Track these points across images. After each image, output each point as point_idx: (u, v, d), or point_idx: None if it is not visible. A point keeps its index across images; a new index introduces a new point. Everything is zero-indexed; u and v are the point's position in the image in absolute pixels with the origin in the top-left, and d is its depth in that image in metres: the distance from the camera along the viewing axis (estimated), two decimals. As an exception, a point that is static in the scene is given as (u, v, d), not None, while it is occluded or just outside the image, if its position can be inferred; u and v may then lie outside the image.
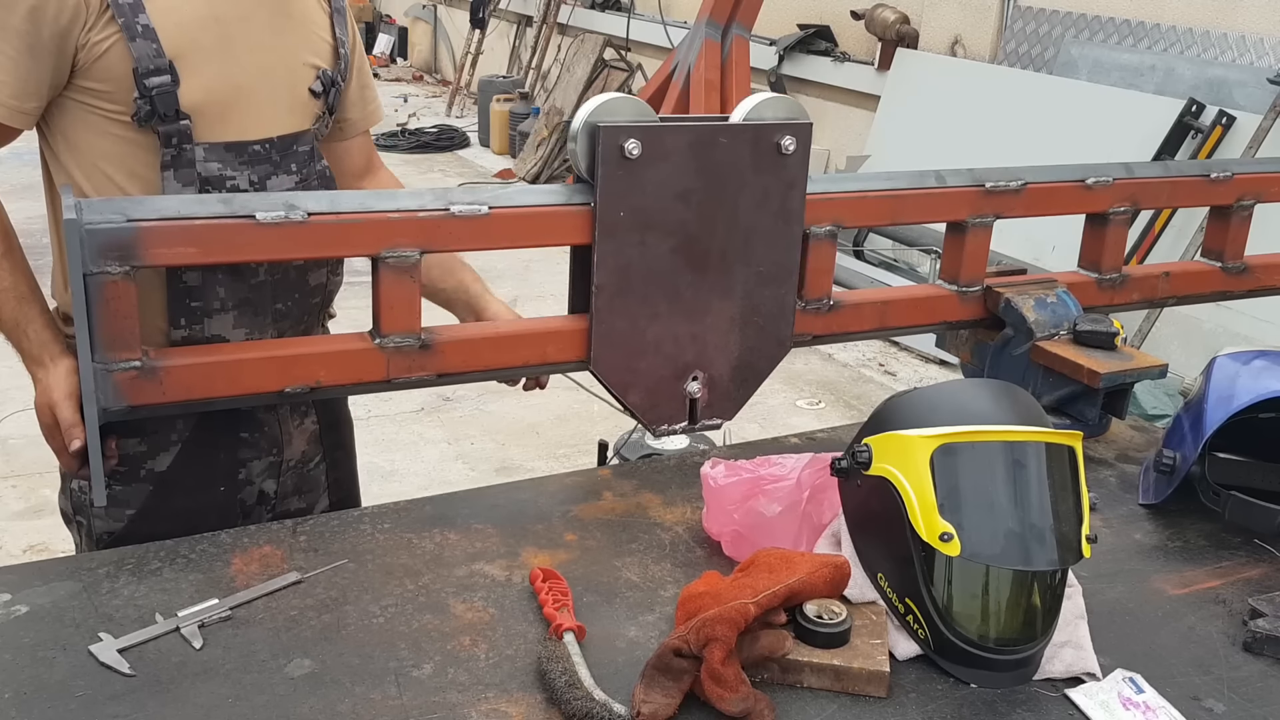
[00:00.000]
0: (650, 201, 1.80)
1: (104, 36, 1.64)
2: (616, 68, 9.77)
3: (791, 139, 1.86)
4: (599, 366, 1.87)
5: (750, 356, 1.97)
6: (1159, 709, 1.39)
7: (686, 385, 1.93)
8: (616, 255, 1.81)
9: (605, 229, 1.79)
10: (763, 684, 1.39)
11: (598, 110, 1.76)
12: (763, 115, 1.86)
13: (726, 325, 1.93)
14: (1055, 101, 6.22)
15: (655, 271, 1.84)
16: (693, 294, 1.88)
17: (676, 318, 1.89)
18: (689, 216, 1.84)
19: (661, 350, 1.89)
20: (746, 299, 1.93)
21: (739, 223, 1.87)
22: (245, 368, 1.69)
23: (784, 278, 1.95)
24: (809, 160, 1.90)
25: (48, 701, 1.31)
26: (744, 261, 1.90)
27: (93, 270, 1.53)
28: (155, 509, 1.82)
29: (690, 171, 1.81)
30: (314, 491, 2.05)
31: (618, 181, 1.77)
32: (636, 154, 1.75)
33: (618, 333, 1.85)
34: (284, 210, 1.62)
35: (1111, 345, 2.08)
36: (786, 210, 1.90)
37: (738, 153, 1.84)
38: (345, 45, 1.91)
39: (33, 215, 1.82)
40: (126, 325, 1.58)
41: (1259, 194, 2.41)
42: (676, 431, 1.96)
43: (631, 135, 1.75)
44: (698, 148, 1.81)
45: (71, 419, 1.65)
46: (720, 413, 1.99)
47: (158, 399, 1.64)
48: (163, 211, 1.58)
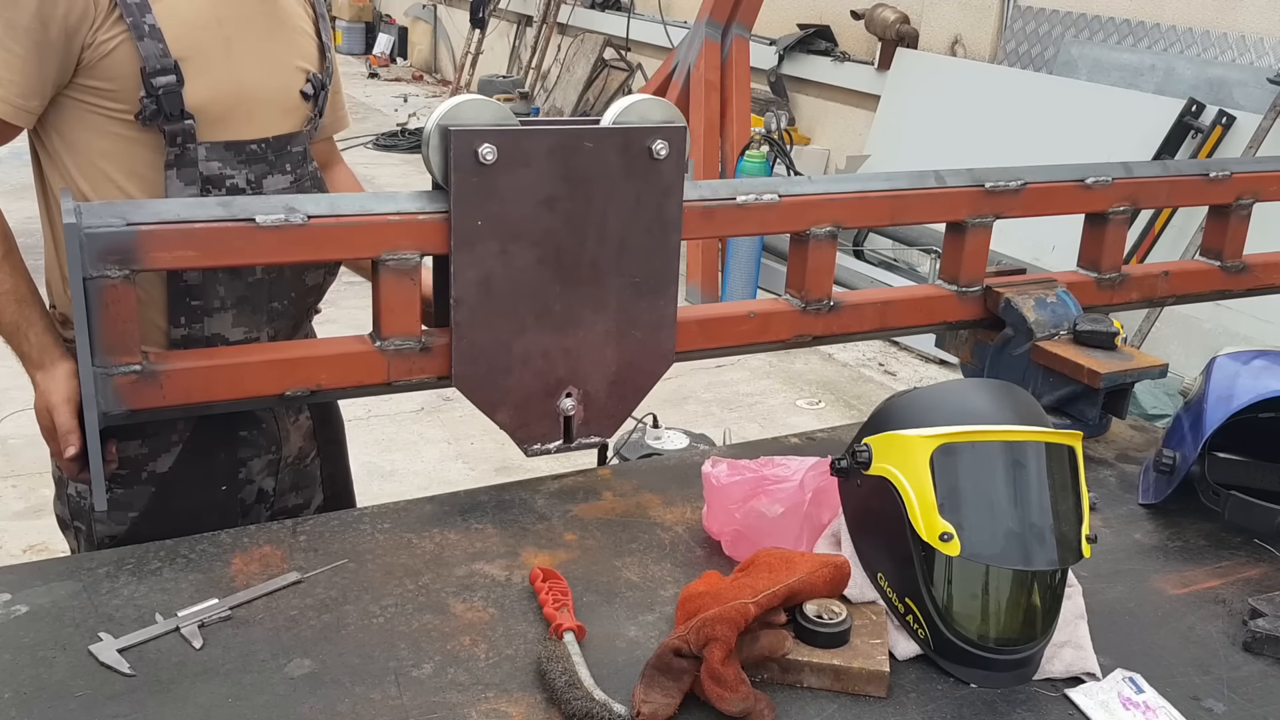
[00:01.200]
0: (510, 209, 1.71)
1: (111, 35, 1.64)
2: (616, 68, 9.78)
3: (664, 143, 1.77)
4: (462, 383, 1.78)
5: (629, 371, 1.88)
6: (1159, 709, 1.39)
7: (560, 402, 1.84)
8: (476, 266, 1.72)
9: (461, 239, 1.70)
10: (763, 684, 1.39)
11: (451, 113, 1.67)
12: (635, 118, 1.77)
13: (601, 339, 1.83)
14: (1055, 101, 6.22)
15: (520, 283, 1.75)
16: (563, 306, 1.79)
17: (546, 331, 1.80)
18: (555, 225, 1.75)
19: (531, 365, 1.80)
20: (623, 311, 1.83)
21: (610, 231, 1.78)
22: (245, 371, 1.69)
23: (663, 288, 1.86)
24: (684, 166, 1.82)
25: (48, 701, 1.31)
26: (618, 272, 1.81)
27: (92, 274, 1.53)
28: (157, 510, 1.83)
29: (554, 177, 1.73)
30: (310, 487, 2.05)
31: (473, 189, 1.68)
32: (491, 159, 1.67)
33: (481, 348, 1.77)
34: (284, 213, 1.62)
35: (1111, 345, 2.08)
36: (662, 218, 1.81)
37: (606, 158, 1.75)
38: (330, 49, 1.93)
39: (33, 215, 1.82)
40: (126, 329, 1.57)
41: (1257, 193, 2.41)
42: (551, 451, 1.86)
43: (485, 140, 1.66)
44: (561, 152, 1.72)
45: (68, 424, 1.65)
46: (598, 430, 1.89)
47: (157, 403, 1.63)
48: (162, 215, 1.57)
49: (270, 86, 1.81)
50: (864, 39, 7.73)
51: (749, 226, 1.98)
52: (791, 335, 2.06)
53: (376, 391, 1.80)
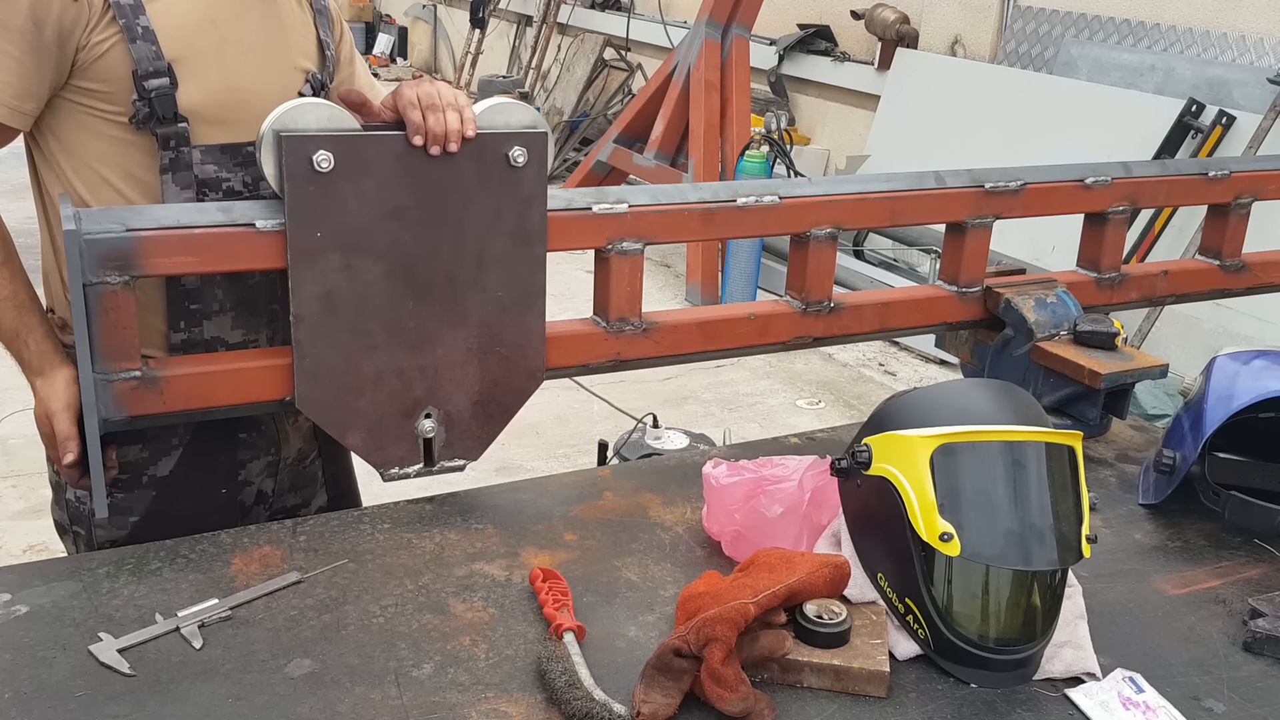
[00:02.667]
0: (353, 220, 1.62)
1: (105, 37, 1.64)
2: (616, 68, 9.77)
3: (522, 150, 1.68)
4: (306, 405, 1.69)
5: (495, 391, 1.79)
6: (1159, 709, 1.39)
7: (418, 424, 1.75)
8: (316, 281, 1.63)
9: (299, 252, 1.61)
10: (763, 684, 1.39)
11: (285, 117, 1.58)
12: (493, 123, 1.68)
13: (463, 357, 1.75)
14: (1055, 101, 6.22)
15: (367, 299, 1.66)
16: (418, 323, 1.70)
17: (399, 350, 1.70)
18: (404, 237, 1.66)
19: (384, 386, 1.71)
20: (485, 328, 1.75)
21: (468, 244, 1.70)
22: (246, 376, 1.69)
23: (528, 303, 1.77)
24: (547, 174, 1.74)
25: (48, 701, 1.31)
26: (478, 286, 1.72)
27: (92, 280, 1.52)
28: (158, 514, 1.82)
29: (401, 187, 1.64)
30: (310, 487, 2.05)
31: (309, 199, 1.59)
32: (328, 167, 1.58)
33: (326, 367, 1.67)
34: (284, 219, 1.62)
35: (1112, 345, 2.08)
36: (524, 229, 1.73)
37: (459, 166, 1.66)
38: (330, 47, 1.91)
39: (34, 215, 1.82)
40: (126, 335, 1.57)
41: (1256, 192, 2.41)
42: (411, 475, 1.78)
43: (321, 146, 1.58)
44: (407, 159, 1.63)
45: (67, 431, 1.65)
46: (462, 452, 1.81)
47: (158, 409, 1.63)
48: (162, 220, 1.57)
49: (267, 88, 1.80)
50: (864, 39, 7.73)
51: (749, 229, 1.98)
52: (792, 337, 2.06)
53: None
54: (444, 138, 1.63)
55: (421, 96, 1.64)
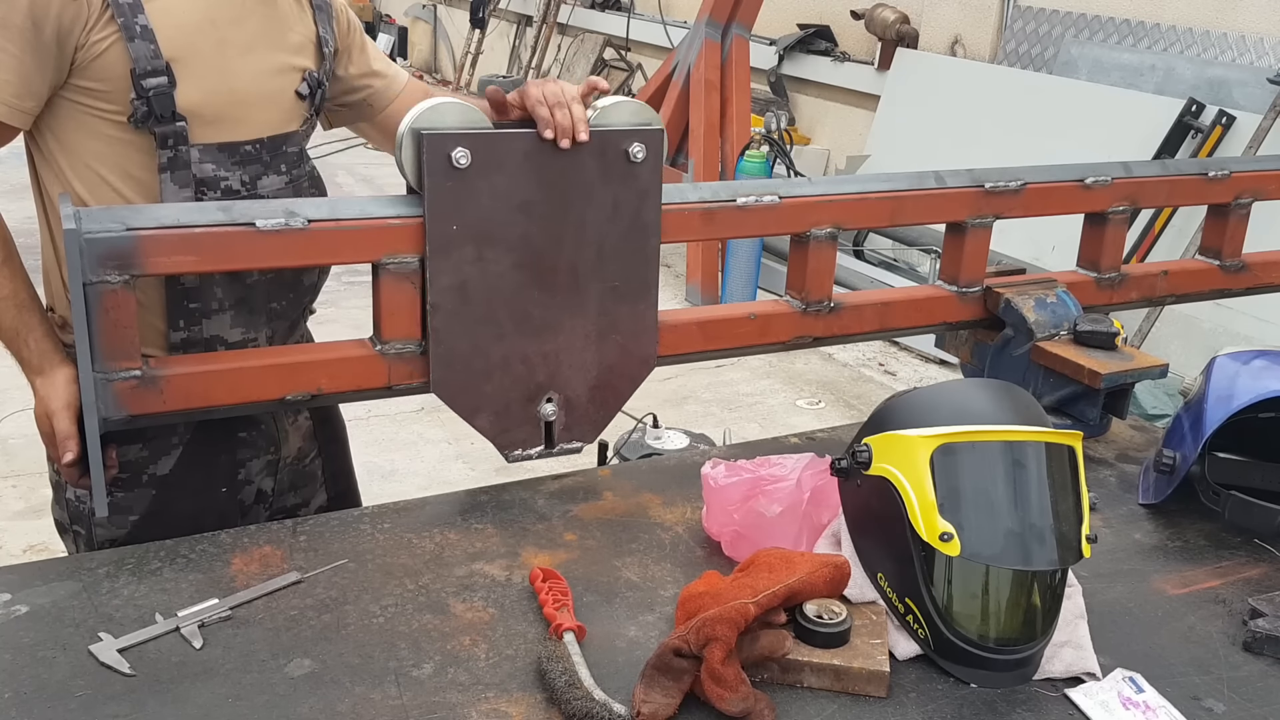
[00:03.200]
0: (486, 214, 1.70)
1: (103, 36, 1.64)
2: (616, 67, 9.78)
3: (641, 146, 1.75)
4: (440, 389, 1.76)
5: (610, 376, 1.86)
6: (1159, 709, 1.39)
7: (540, 407, 1.82)
8: (452, 272, 1.70)
9: (437, 244, 1.68)
10: (763, 684, 1.39)
11: (424, 116, 1.65)
12: (613, 120, 1.75)
13: (582, 343, 1.82)
14: (1055, 101, 6.22)
15: (497, 289, 1.74)
16: (542, 311, 1.78)
17: (525, 337, 1.78)
18: (532, 230, 1.73)
19: (510, 371, 1.79)
20: (603, 316, 1.82)
21: (589, 236, 1.77)
22: (245, 376, 1.69)
23: (643, 293, 1.84)
24: (661, 168, 1.80)
25: (48, 701, 1.31)
26: (597, 277, 1.80)
27: (92, 279, 1.52)
28: (158, 513, 1.82)
29: (530, 182, 1.71)
30: (310, 486, 2.05)
31: (447, 193, 1.67)
32: (465, 163, 1.65)
33: (458, 354, 1.75)
34: (284, 218, 1.62)
35: (1112, 345, 2.08)
36: (641, 222, 1.80)
37: (582, 161, 1.73)
38: (329, 44, 1.91)
39: (34, 215, 1.82)
40: (126, 334, 1.57)
41: (1256, 192, 2.41)
42: (532, 456, 1.85)
43: (459, 143, 1.64)
44: (536, 156, 1.70)
45: (67, 430, 1.65)
46: (580, 435, 1.88)
47: (158, 408, 1.63)
48: (162, 220, 1.57)
49: (265, 87, 1.80)
50: (864, 39, 7.73)
51: (749, 228, 1.98)
52: (792, 336, 2.06)
53: (377, 395, 1.80)
54: (572, 130, 1.69)
55: (548, 94, 1.70)
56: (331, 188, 2.03)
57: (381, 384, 1.76)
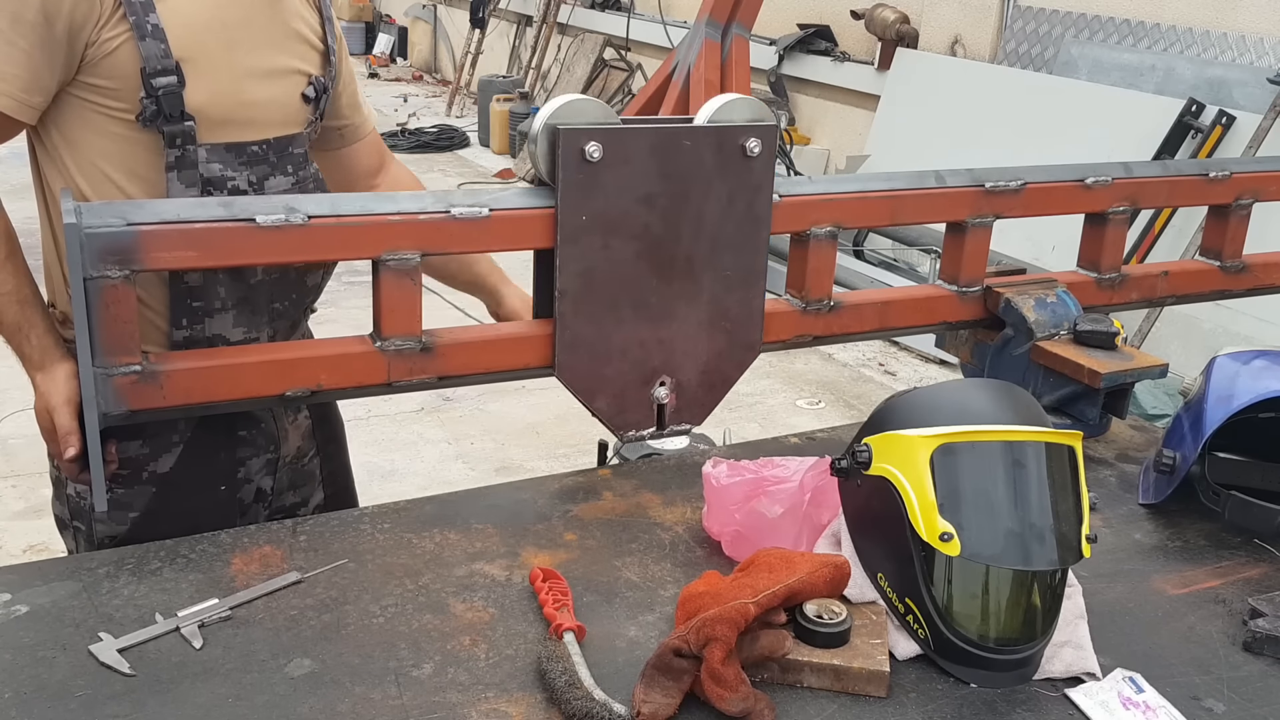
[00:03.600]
0: (612, 205, 1.78)
1: (115, 34, 1.64)
2: (616, 67, 9.77)
3: (757, 141, 1.83)
4: (564, 373, 1.84)
5: (719, 361, 1.95)
6: (1159, 709, 1.39)
7: (654, 391, 1.91)
8: (580, 260, 1.79)
9: (567, 233, 1.76)
10: (763, 684, 1.39)
11: (558, 112, 1.73)
12: (727, 117, 1.83)
13: (694, 330, 1.90)
14: (1055, 101, 6.22)
15: (620, 276, 1.82)
16: (659, 299, 1.86)
17: (643, 322, 1.86)
18: (653, 220, 1.81)
19: (628, 356, 1.87)
20: (714, 303, 1.90)
21: (705, 226, 1.85)
22: (245, 371, 1.69)
23: (752, 281, 1.92)
24: (774, 163, 1.88)
25: (48, 701, 1.31)
26: (711, 266, 1.88)
27: (93, 274, 1.52)
28: (158, 511, 1.83)
29: (653, 174, 1.79)
30: (308, 486, 2.06)
31: (579, 185, 1.75)
32: (598, 157, 1.73)
33: (582, 338, 1.83)
34: (284, 214, 1.62)
35: (1112, 345, 2.08)
36: (753, 214, 1.88)
37: (701, 155, 1.81)
38: (334, 53, 1.92)
39: (33, 215, 1.82)
40: (126, 329, 1.57)
41: (1257, 193, 2.41)
42: (644, 438, 1.94)
43: (592, 138, 1.72)
44: (660, 150, 1.79)
45: (68, 425, 1.65)
46: (689, 418, 1.96)
47: (158, 403, 1.63)
48: (163, 215, 1.57)
49: (272, 89, 1.80)
50: (864, 39, 7.73)
51: None
52: (792, 336, 2.06)
53: (377, 392, 1.79)
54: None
55: None
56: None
57: (381, 380, 1.76)
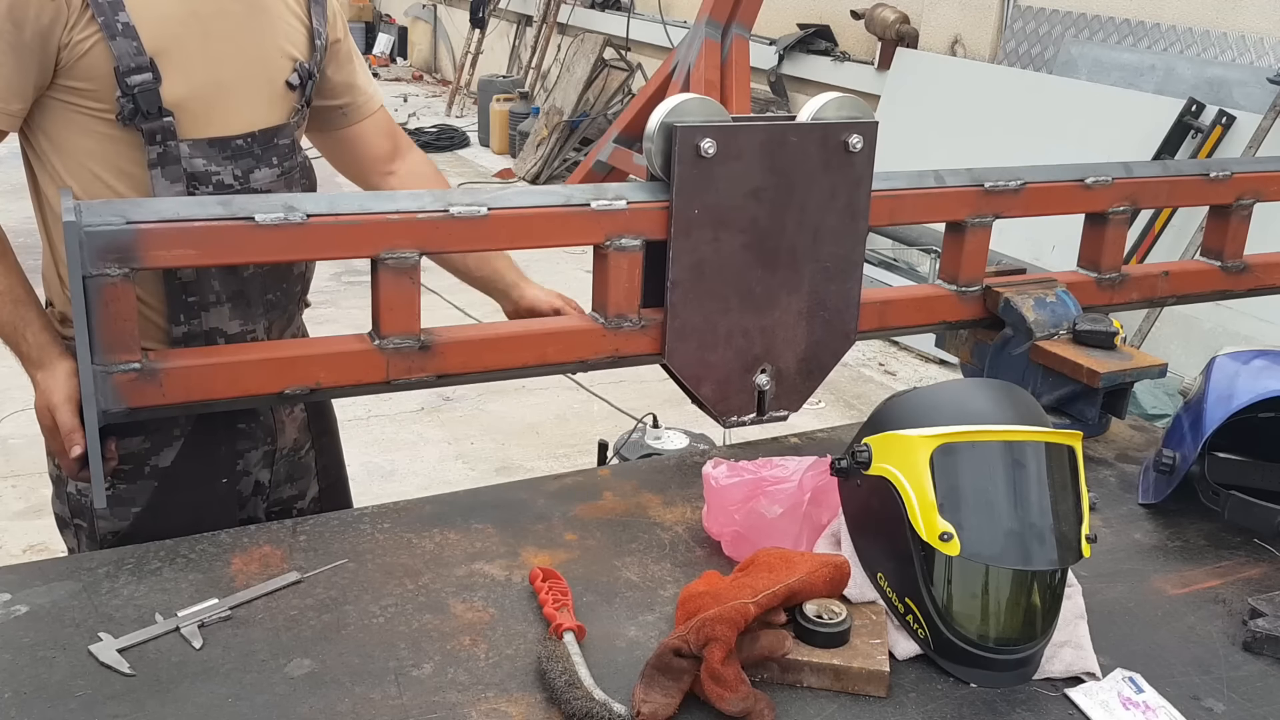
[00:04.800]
0: (723, 199, 1.85)
1: (85, 35, 1.63)
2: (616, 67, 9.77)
3: (859, 137, 1.91)
4: (673, 360, 1.91)
5: (816, 350, 2.01)
6: (1159, 709, 1.39)
7: (756, 377, 1.97)
8: (691, 252, 1.86)
9: (681, 226, 1.83)
10: (763, 684, 1.39)
11: (674, 111, 1.81)
12: (828, 114, 1.91)
13: (794, 319, 1.97)
14: (1055, 101, 6.22)
15: (727, 267, 1.88)
16: (762, 289, 1.92)
17: (747, 312, 1.93)
18: (760, 213, 1.88)
19: (733, 344, 1.94)
20: (813, 293, 1.97)
21: (807, 219, 1.91)
22: (244, 369, 1.69)
23: (850, 271, 1.99)
24: (874, 157, 1.95)
25: (48, 701, 1.31)
26: (812, 257, 1.94)
27: (92, 272, 1.53)
28: (160, 505, 1.83)
29: (762, 170, 1.85)
30: (305, 478, 2.06)
31: (693, 180, 1.81)
32: (712, 153, 1.80)
33: (691, 327, 1.90)
34: (283, 212, 1.62)
35: (1111, 345, 2.08)
36: (853, 206, 1.95)
37: (807, 151, 1.88)
38: (321, 35, 1.89)
39: (28, 216, 1.82)
40: (126, 327, 1.58)
41: (1258, 193, 2.40)
42: (745, 423, 2.00)
43: (707, 135, 1.79)
44: (769, 146, 1.85)
45: (71, 424, 1.65)
46: (787, 404, 2.03)
47: (157, 401, 1.64)
48: (162, 213, 1.57)
49: (253, 78, 1.79)
50: (864, 39, 7.73)
51: None
52: (793, 336, 2.06)
53: (375, 390, 1.79)
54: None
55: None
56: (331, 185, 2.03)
57: (380, 379, 1.76)
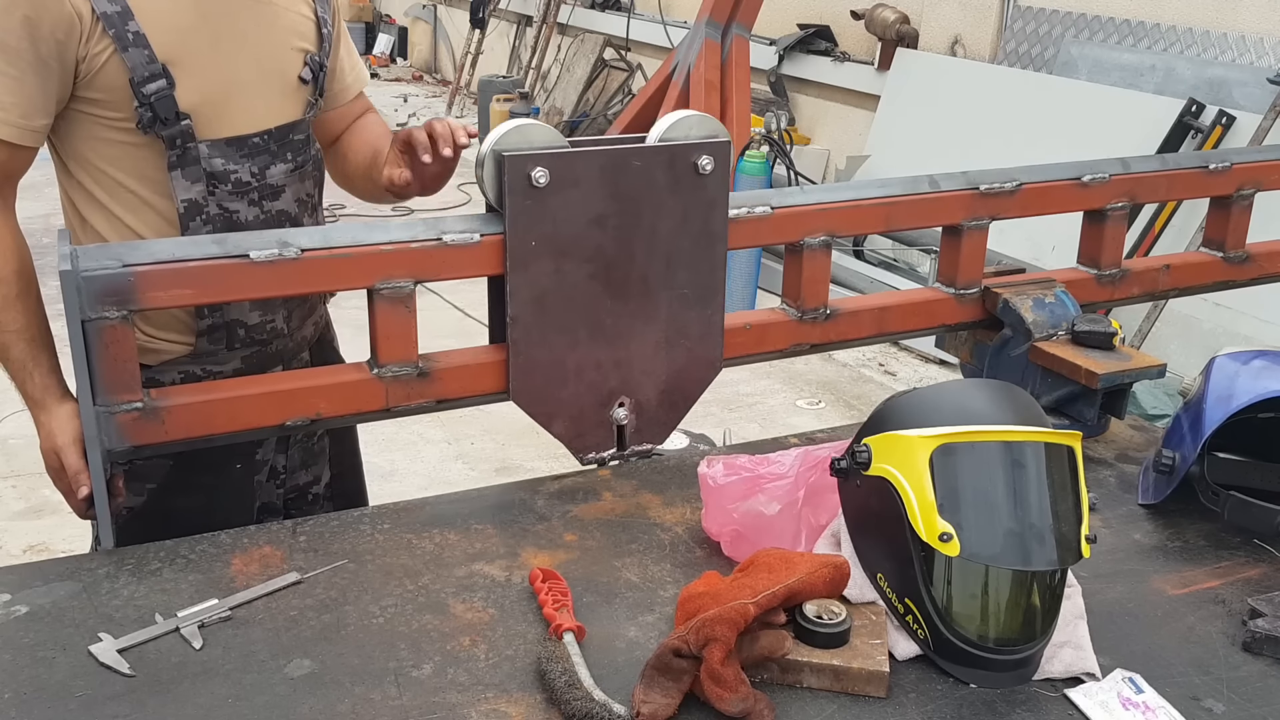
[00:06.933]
0: (562, 229, 1.77)
1: (100, 49, 1.65)
2: (616, 68, 9.77)
3: (709, 158, 1.82)
4: (519, 398, 1.84)
5: (679, 380, 1.94)
6: (1158, 709, 1.39)
7: (613, 412, 1.90)
8: (531, 285, 1.78)
9: (516, 259, 1.75)
10: (762, 684, 1.39)
11: (504, 138, 1.72)
12: (679, 135, 1.82)
13: (652, 350, 1.89)
14: (1055, 101, 6.21)
15: (573, 299, 1.81)
16: (614, 320, 1.85)
17: (599, 344, 1.85)
18: (605, 241, 1.80)
19: (584, 378, 1.86)
20: (671, 322, 1.89)
21: (659, 245, 1.84)
22: (245, 404, 1.71)
23: (709, 298, 1.91)
24: (729, 179, 1.86)
25: (48, 701, 1.32)
26: (667, 284, 1.86)
27: (91, 316, 1.54)
28: (175, 483, 1.85)
29: (603, 196, 1.78)
30: (318, 464, 2.08)
31: (528, 211, 1.73)
32: (544, 182, 1.72)
33: (537, 363, 1.82)
34: (278, 248, 1.63)
35: (1109, 345, 2.08)
36: (709, 231, 1.87)
37: (653, 175, 1.80)
38: (328, 25, 1.91)
39: (32, 215, 1.83)
40: (127, 368, 1.59)
41: (1259, 183, 2.40)
42: (605, 460, 1.92)
43: (538, 164, 1.71)
44: (610, 172, 1.77)
45: (77, 464, 1.66)
46: (650, 438, 1.95)
47: (160, 438, 1.65)
48: (157, 255, 1.59)
49: (266, 75, 1.80)
50: (864, 39, 7.72)
51: (741, 240, 1.97)
52: (789, 344, 2.06)
53: (376, 418, 1.83)
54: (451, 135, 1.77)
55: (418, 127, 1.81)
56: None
57: (380, 406, 1.78)
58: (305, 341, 2.00)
